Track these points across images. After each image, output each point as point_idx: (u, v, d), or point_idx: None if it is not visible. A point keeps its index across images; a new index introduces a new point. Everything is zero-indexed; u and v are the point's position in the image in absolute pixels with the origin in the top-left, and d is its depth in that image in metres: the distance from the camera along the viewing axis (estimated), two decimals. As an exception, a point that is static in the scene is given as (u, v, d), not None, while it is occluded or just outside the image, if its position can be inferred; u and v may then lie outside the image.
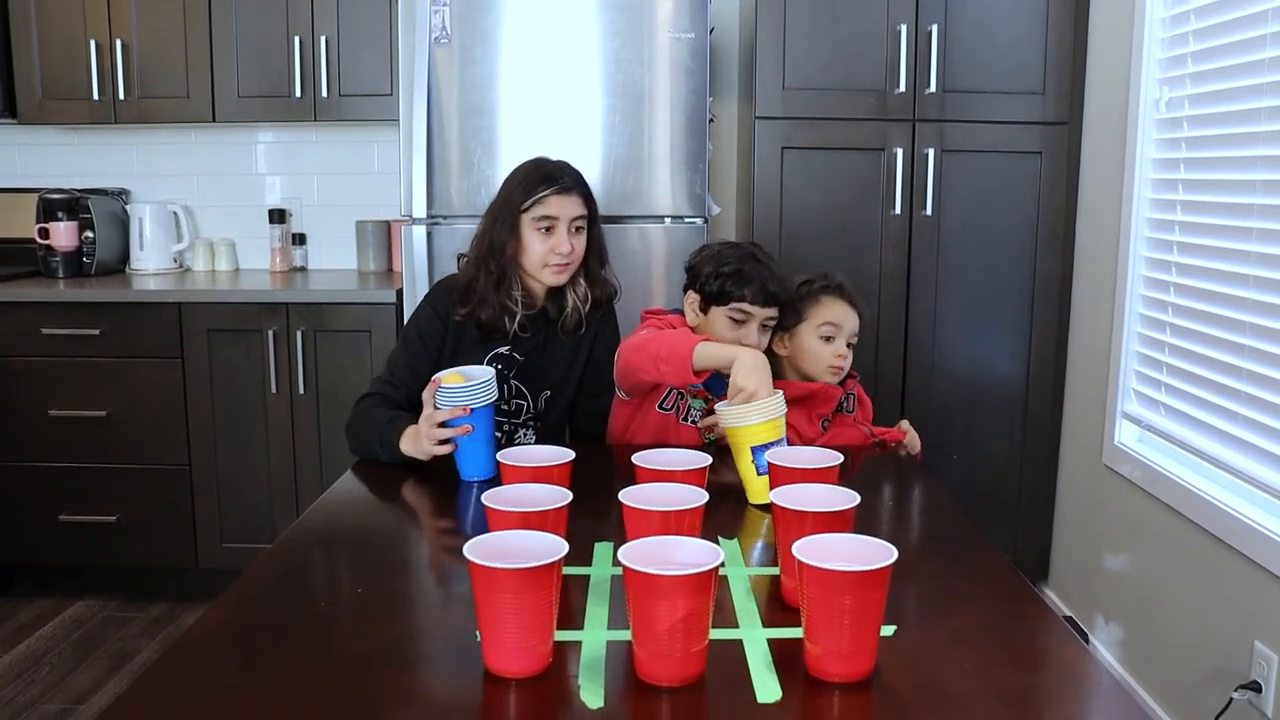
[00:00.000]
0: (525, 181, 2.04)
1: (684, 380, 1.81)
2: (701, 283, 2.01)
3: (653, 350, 1.83)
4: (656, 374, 1.83)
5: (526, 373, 2.08)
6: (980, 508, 3.02)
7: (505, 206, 2.04)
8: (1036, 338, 3.01)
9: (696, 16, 2.78)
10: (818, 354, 2.04)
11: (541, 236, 2.02)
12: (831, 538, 1.12)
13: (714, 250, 2.05)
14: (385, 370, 2.04)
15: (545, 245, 2.02)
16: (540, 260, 2.02)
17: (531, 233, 2.02)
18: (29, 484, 3.15)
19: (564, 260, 2.02)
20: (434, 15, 2.77)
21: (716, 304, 1.99)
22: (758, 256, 2.01)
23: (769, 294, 1.97)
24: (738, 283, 1.96)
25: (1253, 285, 2.12)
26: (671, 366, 1.79)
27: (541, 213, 2.01)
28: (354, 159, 3.61)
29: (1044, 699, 1.10)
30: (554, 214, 2.01)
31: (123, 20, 3.24)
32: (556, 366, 2.13)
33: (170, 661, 1.13)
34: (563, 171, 2.06)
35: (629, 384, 1.98)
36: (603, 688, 1.05)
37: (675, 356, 1.78)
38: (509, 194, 2.05)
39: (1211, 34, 2.31)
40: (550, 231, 2.02)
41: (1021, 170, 2.94)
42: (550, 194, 2.01)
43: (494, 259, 2.02)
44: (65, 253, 3.38)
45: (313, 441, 3.12)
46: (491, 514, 1.28)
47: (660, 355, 1.81)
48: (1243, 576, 2.10)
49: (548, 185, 2.02)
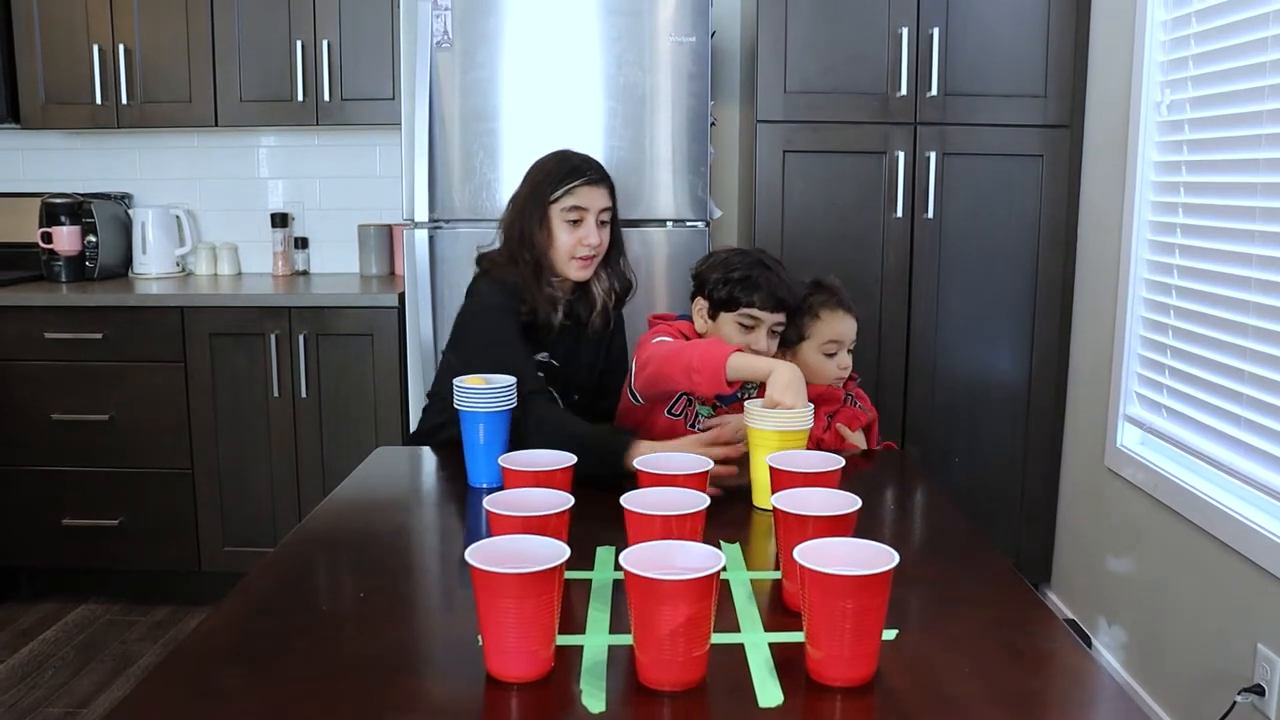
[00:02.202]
0: (554, 172, 2.04)
1: (716, 390, 1.80)
2: (710, 289, 2.02)
3: (685, 360, 1.82)
4: (689, 384, 1.83)
5: (561, 378, 2.08)
6: (982, 511, 3.02)
7: (533, 197, 2.03)
8: (1038, 340, 3.00)
9: (698, 20, 2.79)
10: (823, 370, 2.06)
11: (569, 228, 2.02)
12: (833, 542, 1.12)
13: (721, 257, 2.06)
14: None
15: (573, 237, 2.02)
16: (568, 252, 2.02)
17: (560, 224, 2.02)
18: (32, 488, 3.16)
19: (591, 252, 2.03)
20: (436, 20, 2.78)
21: (725, 310, 2.00)
22: (765, 263, 2.02)
23: (777, 300, 1.98)
24: (746, 289, 1.97)
25: (1255, 288, 2.12)
26: (704, 376, 1.78)
27: (571, 203, 2.01)
28: (356, 163, 3.61)
29: (1046, 703, 1.10)
30: (583, 205, 2.02)
31: (125, 25, 3.25)
32: (585, 369, 2.14)
33: (173, 665, 1.13)
34: (590, 163, 2.06)
35: (652, 392, 1.97)
36: (604, 692, 1.05)
37: (709, 367, 1.78)
38: (537, 185, 2.04)
39: (1213, 36, 2.31)
40: (578, 223, 2.02)
41: (1023, 173, 2.94)
42: (580, 185, 2.02)
43: (526, 249, 2.01)
44: (68, 257, 3.39)
45: (315, 445, 3.12)
46: (493, 518, 1.28)
47: (693, 365, 1.80)
48: (1245, 579, 2.10)
49: (577, 176, 2.02)
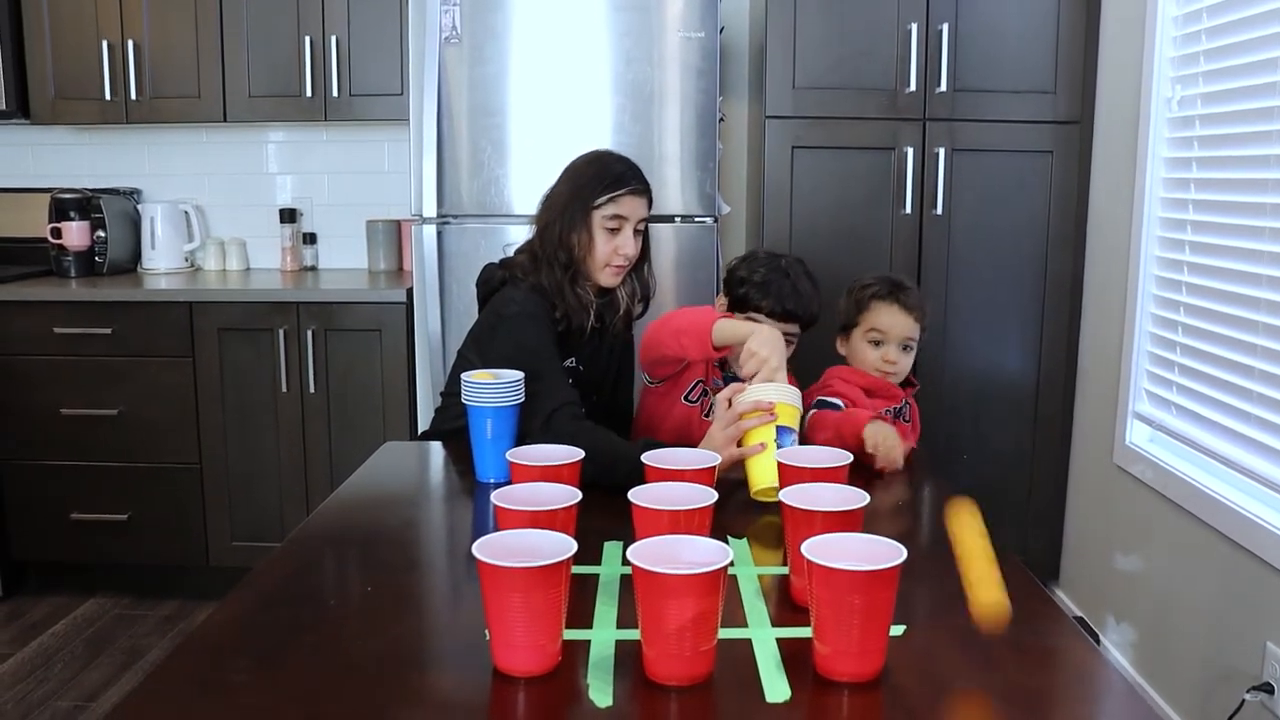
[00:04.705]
0: (599, 178, 2.01)
1: (704, 354, 1.84)
2: (732, 285, 2.08)
3: (675, 325, 1.89)
4: (678, 347, 1.87)
5: (587, 382, 2.07)
6: (990, 507, 2.97)
7: (576, 200, 2.00)
8: (1047, 337, 3.00)
9: (707, 16, 2.78)
10: (865, 358, 2.09)
11: (607, 236, 2.00)
12: (841, 537, 1.11)
13: (752, 256, 2.12)
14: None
15: (610, 245, 2.00)
16: (604, 260, 2.00)
17: (600, 231, 2.00)
18: (40, 482, 3.17)
19: (626, 261, 2.02)
20: (444, 15, 2.78)
21: (738, 309, 2.06)
22: (788, 270, 2.05)
23: (785, 309, 2.01)
24: (760, 292, 2.03)
25: (1266, 285, 2.11)
26: (691, 339, 1.83)
27: (614, 212, 1.99)
28: (364, 158, 3.61)
29: (1054, 700, 1.09)
30: (625, 214, 2.00)
31: (134, 21, 3.25)
32: (605, 372, 2.14)
33: (180, 659, 1.14)
34: (634, 171, 2.05)
35: (650, 360, 2.01)
36: (611, 687, 1.05)
37: (695, 329, 1.82)
38: (579, 188, 2.01)
39: (1224, 32, 2.30)
40: (617, 231, 2.01)
41: (1032, 169, 2.93)
42: (625, 194, 2.00)
43: (562, 250, 1.99)
44: (77, 252, 3.40)
45: (323, 440, 3.13)
46: (501, 513, 1.28)
47: (682, 328, 1.86)
48: (1255, 577, 2.09)
49: (622, 185, 2.00)
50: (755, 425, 1.64)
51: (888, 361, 2.07)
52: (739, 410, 1.66)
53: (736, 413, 1.66)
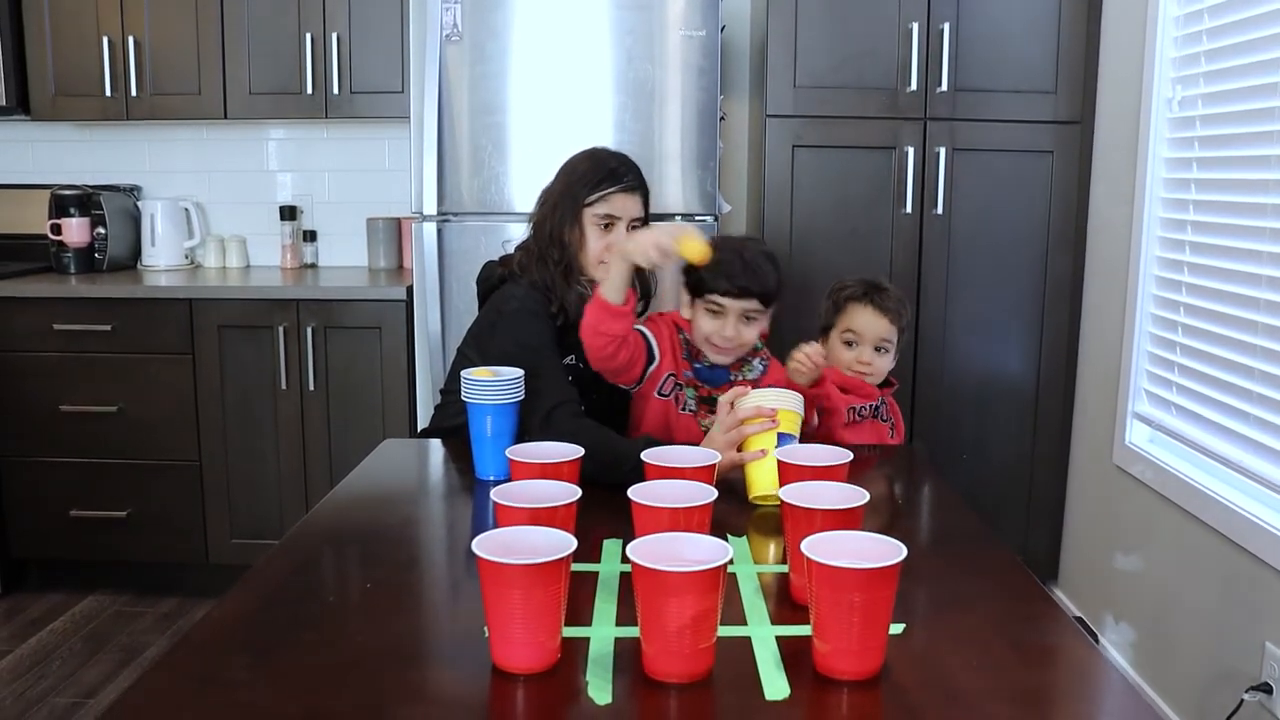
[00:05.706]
0: (589, 174, 2.01)
1: (620, 317, 1.84)
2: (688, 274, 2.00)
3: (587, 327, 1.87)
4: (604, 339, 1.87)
5: (586, 379, 2.05)
6: (990, 507, 3.01)
7: (567, 197, 2.01)
8: (1047, 337, 3.00)
9: (708, 14, 2.78)
10: (840, 358, 2.08)
11: (599, 233, 2.00)
12: (840, 535, 1.11)
13: None
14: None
15: (601, 242, 2.00)
16: (596, 257, 2.00)
17: (591, 228, 2.00)
18: (40, 479, 3.17)
19: None
20: (445, 12, 2.77)
21: (695, 295, 1.99)
22: (741, 250, 1.97)
23: (739, 286, 1.93)
24: (712, 274, 1.94)
25: (1266, 285, 2.11)
26: (600, 317, 1.84)
27: (604, 210, 1.99)
28: (365, 156, 3.61)
29: (1053, 699, 1.09)
30: (616, 213, 2.00)
31: (135, 17, 3.25)
32: None
33: (179, 655, 1.14)
34: (628, 168, 2.04)
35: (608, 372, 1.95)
36: (610, 684, 1.05)
37: (593, 311, 1.85)
38: (571, 185, 2.02)
39: (1225, 32, 2.30)
40: (609, 229, 2.00)
41: (1033, 169, 2.93)
42: (615, 192, 2.00)
43: (556, 248, 1.99)
44: (77, 249, 3.40)
45: (323, 437, 3.13)
46: (500, 510, 1.28)
47: (588, 323, 1.86)
48: (1254, 577, 2.09)
49: (613, 182, 2.00)
50: (756, 431, 1.64)
51: (861, 363, 2.06)
52: (740, 415, 1.66)
53: (738, 417, 1.66)
